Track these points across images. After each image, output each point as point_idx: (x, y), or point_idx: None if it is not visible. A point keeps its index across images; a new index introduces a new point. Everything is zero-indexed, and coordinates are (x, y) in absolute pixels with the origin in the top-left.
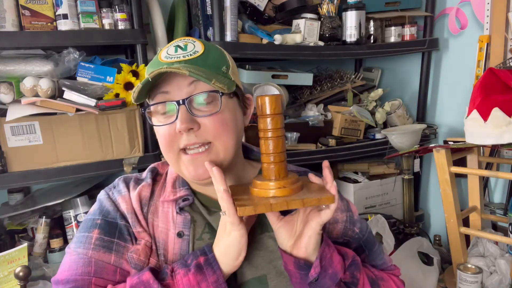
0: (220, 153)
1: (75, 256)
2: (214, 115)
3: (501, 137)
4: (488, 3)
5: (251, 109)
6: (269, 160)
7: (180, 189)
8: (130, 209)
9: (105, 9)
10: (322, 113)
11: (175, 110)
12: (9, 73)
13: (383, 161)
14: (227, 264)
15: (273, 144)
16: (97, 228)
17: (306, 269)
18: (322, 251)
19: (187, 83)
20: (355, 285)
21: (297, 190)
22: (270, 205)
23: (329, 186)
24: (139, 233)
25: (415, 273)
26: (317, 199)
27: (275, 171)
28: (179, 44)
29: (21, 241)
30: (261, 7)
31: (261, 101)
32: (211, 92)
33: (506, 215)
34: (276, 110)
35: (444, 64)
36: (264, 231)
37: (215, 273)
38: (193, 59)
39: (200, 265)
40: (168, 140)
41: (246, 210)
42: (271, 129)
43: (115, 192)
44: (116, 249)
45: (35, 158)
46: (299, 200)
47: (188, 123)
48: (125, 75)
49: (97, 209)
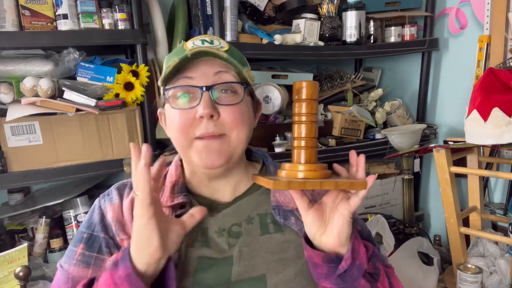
0: (232, 144)
1: (60, 273)
2: (235, 105)
3: (501, 137)
4: (488, 3)
5: (259, 113)
6: (301, 144)
7: (179, 196)
8: (117, 218)
9: (105, 9)
10: (322, 113)
11: (198, 96)
12: (9, 73)
13: (383, 161)
14: (141, 256)
15: (307, 128)
16: (82, 242)
17: (335, 261)
18: (353, 243)
19: (213, 72)
20: (377, 276)
21: (327, 175)
22: (304, 183)
23: (358, 171)
24: (122, 241)
25: (415, 273)
26: (350, 183)
27: (306, 155)
28: (204, 39)
29: (21, 241)
30: (261, 7)
31: (299, 86)
32: (235, 83)
33: (506, 215)
34: (312, 95)
35: (444, 64)
36: (264, 233)
37: (126, 268)
38: (222, 51)
39: (116, 262)
40: (184, 125)
41: (280, 184)
42: (305, 113)
43: (107, 200)
44: (94, 263)
45: (35, 158)
46: (332, 182)
47: (211, 109)
48: (125, 75)
49: (87, 222)
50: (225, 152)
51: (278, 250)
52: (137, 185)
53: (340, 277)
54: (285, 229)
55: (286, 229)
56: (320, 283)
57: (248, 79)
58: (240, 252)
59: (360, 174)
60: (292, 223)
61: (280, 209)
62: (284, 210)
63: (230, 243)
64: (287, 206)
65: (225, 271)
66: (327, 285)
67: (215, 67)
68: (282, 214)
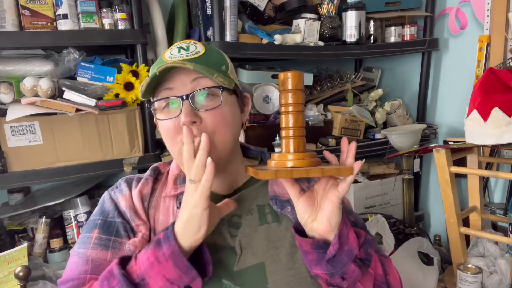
0: (218, 146)
1: (76, 257)
2: (215, 109)
3: (501, 137)
4: (488, 3)
5: (248, 107)
6: (289, 134)
7: (181, 185)
8: (129, 205)
9: (105, 9)
10: (322, 113)
11: (179, 105)
12: (9, 73)
13: (383, 161)
14: (187, 238)
15: (294, 118)
16: (97, 228)
17: (324, 247)
18: (341, 229)
19: (190, 80)
20: (369, 261)
21: (315, 163)
22: (290, 171)
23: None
24: (138, 226)
25: (415, 273)
26: (336, 169)
27: (294, 144)
28: (181, 46)
29: (21, 241)
30: (261, 7)
31: (284, 76)
32: (212, 87)
33: (506, 215)
34: (298, 86)
35: (444, 64)
36: (263, 223)
37: (171, 246)
38: (195, 58)
39: (159, 241)
40: (172, 134)
41: (267, 173)
42: (292, 104)
43: (117, 191)
44: (113, 246)
45: (35, 158)
46: (319, 169)
47: (192, 117)
48: (125, 75)
49: (99, 210)
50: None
51: (276, 239)
52: (196, 174)
53: (329, 263)
54: (282, 218)
55: (283, 219)
56: (312, 270)
57: (224, 82)
58: (240, 242)
59: (349, 161)
60: (288, 212)
61: (277, 199)
62: (281, 200)
63: (231, 233)
64: (284, 197)
65: (230, 259)
66: (318, 271)
67: (192, 74)
68: (279, 203)
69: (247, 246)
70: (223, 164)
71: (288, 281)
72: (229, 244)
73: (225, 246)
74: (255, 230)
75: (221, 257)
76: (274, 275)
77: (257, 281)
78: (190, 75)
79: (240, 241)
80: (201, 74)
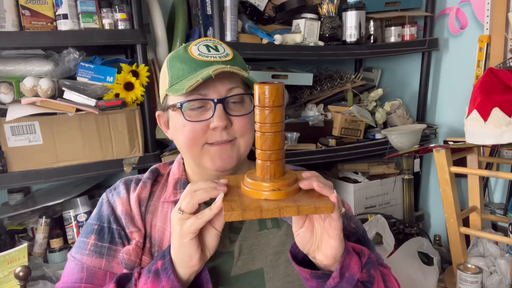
0: (241, 148)
1: (73, 263)
2: (246, 115)
3: (501, 137)
4: (488, 3)
5: None
6: (265, 157)
7: (181, 191)
8: (126, 211)
9: (105, 9)
10: (322, 113)
11: (210, 107)
12: (9, 73)
13: (383, 161)
14: (181, 266)
15: (270, 140)
16: (93, 234)
17: (324, 278)
18: (343, 260)
19: (225, 88)
20: (371, 284)
21: (293, 193)
22: (260, 211)
23: (327, 193)
24: (132, 233)
25: (415, 273)
26: (313, 208)
27: (270, 170)
28: (208, 44)
29: (21, 241)
30: (261, 7)
31: (260, 90)
32: (244, 94)
33: (506, 215)
34: (276, 101)
35: (444, 64)
36: (263, 228)
37: (169, 279)
38: (229, 61)
39: (157, 271)
40: (196, 135)
41: (233, 215)
42: (269, 123)
43: (115, 194)
44: (107, 253)
45: (35, 158)
46: (294, 207)
47: (226, 121)
48: (125, 75)
49: (96, 214)
50: (236, 156)
51: (275, 245)
52: (187, 207)
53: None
54: (282, 224)
55: (283, 224)
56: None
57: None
58: (240, 247)
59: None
60: (289, 218)
61: None
62: None
63: (231, 238)
64: None
65: (226, 265)
66: None
67: (226, 83)
68: None
69: (246, 251)
70: (237, 165)
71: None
72: (227, 250)
73: (223, 252)
74: (255, 235)
75: (218, 264)
76: (272, 281)
77: (255, 287)
78: (224, 83)
79: (240, 245)
80: (234, 84)
